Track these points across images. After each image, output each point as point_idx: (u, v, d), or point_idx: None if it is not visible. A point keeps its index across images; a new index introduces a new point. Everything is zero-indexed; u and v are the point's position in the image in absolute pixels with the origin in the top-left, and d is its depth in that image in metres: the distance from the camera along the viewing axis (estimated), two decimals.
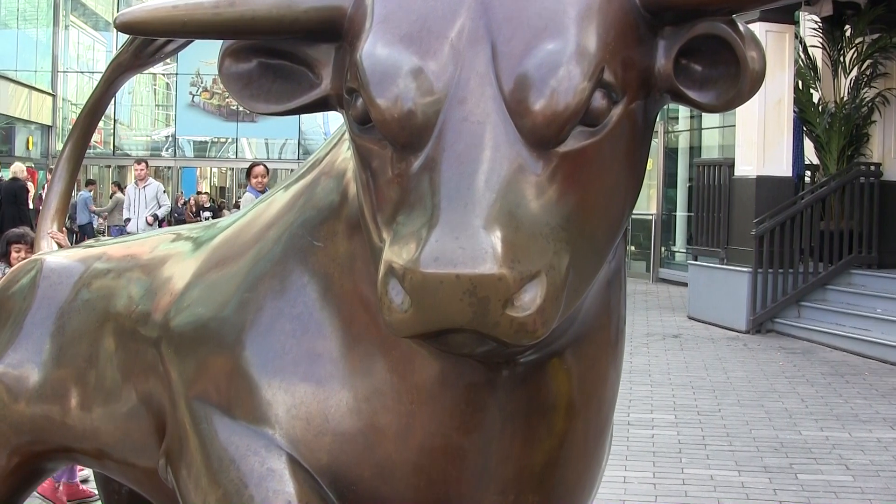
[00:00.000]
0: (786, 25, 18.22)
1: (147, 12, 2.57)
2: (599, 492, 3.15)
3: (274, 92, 2.56)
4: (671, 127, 29.04)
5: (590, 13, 2.20)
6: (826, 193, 18.72)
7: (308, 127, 43.02)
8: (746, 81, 2.28)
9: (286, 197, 3.06)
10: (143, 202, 22.29)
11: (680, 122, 29.04)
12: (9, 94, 38.97)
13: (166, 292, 3.31)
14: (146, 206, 22.19)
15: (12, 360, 3.84)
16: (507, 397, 2.61)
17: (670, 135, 28.96)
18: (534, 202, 2.12)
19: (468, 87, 2.15)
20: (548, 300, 2.05)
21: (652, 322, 19.09)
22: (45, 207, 5.21)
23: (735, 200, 19.26)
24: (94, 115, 5.11)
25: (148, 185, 22.63)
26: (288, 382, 2.76)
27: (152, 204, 22.24)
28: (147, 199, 22.37)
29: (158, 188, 23.09)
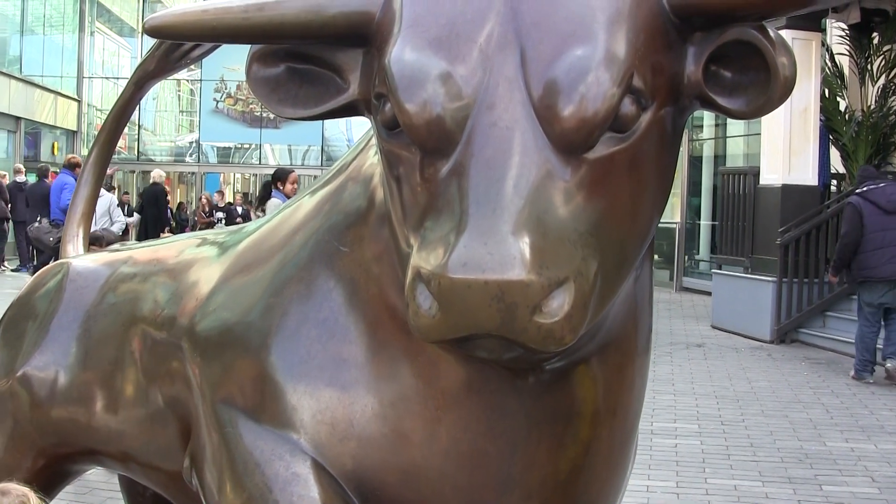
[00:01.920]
0: (812, 33, 18.13)
1: (176, 16, 2.57)
2: (622, 501, 3.13)
3: (301, 96, 2.57)
4: (696, 135, 28.92)
5: (619, 18, 2.20)
6: None
7: (331, 133, 43.03)
8: (777, 88, 2.26)
9: (313, 202, 3.05)
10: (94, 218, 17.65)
11: (704, 131, 28.93)
12: (35, 100, 39.10)
13: (192, 296, 3.31)
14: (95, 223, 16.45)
15: (38, 363, 3.85)
16: (532, 404, 2.61)
17: (695, 143, 28.85)
18: (562, 208, 2.11)
19: (497, 93, 2.14)
20: (575, 307, 2.05)
21: (675, 331, 19.02)
22: (72, 212, 5.22)
23: (760, 209, 19.17)
24: (121, 120, 5.12)
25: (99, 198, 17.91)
26: (313, 387, 2.76)
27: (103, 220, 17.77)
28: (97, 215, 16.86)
29: (111, 201, 19.56)
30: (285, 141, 44.04)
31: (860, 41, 19.68)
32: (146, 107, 43.12)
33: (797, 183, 18.35)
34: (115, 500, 7.26)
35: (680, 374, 14.61)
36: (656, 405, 11.95)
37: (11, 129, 37.08)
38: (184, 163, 45.15)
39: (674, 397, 12.76)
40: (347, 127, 40.86)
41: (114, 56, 48.19)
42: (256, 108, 42.00)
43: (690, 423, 11.41)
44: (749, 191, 19.78)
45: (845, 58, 20.15)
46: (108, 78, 46.38)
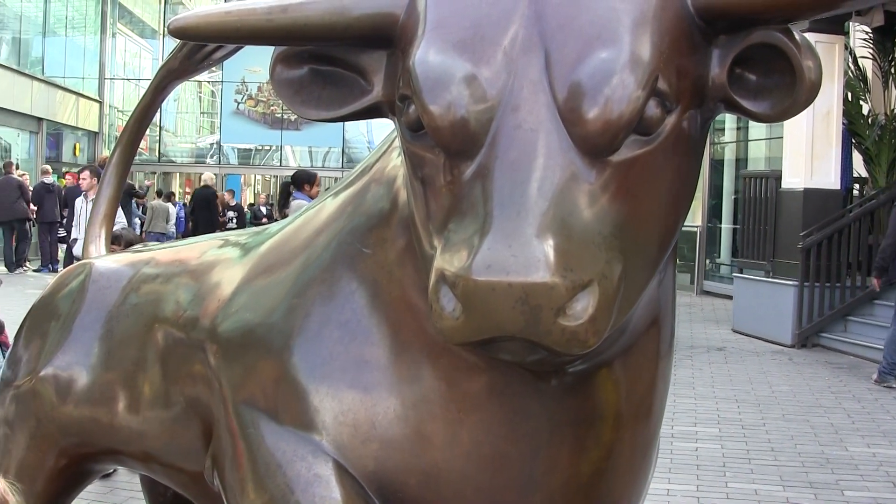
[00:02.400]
0: (835, 36, 18.06)
1: (200, 18, 2.58)
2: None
3: (325, 98, 2.57)
4: (717, 138, 28.86)
5: (644, 21, 2.19)
6: (875, 206, 18.49)
7: (352, 135, 43.10)
8: (802, 91, 2.25)
9: (335, 204, 3.06)
10: None
11: (726, 134, 28.87)
12: (56, 101, 39.26)
13: (214, 298, 3.32)
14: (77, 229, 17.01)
15: (61, 363, 3.86)
16: (555, 406, 2.60)
17: (716, 146, 28.78)
18: (586, 211, 2.11)
19: (521, 95, 2.14)
20: (600, 309, 2.04)
21: (696, 334, 18.99)
22: (94, 213, 5.23)
23: (782, 213, 19.12)
24: (143, 121, 5.14)
25: None
26: (335, 389, 2.76)
27: None
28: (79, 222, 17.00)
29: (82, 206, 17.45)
30: (306, 143, 44.10)
31: (883, 44, 19.65)
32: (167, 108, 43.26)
33: (819, 187, 18.29)
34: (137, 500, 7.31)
35: (700, 377, 14.58)
36: (677, 409, 11.93)
37: (34, 130, 37.25)
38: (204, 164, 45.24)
39: (694, 401, 12.73)
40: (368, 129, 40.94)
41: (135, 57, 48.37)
42: (277, 109, 42.09)
43: (711, 427, 11.38)
44: (771, 194, 19.73)
45: (868, 61, 20.11)
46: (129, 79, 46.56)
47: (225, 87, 44.17)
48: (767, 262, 19.46)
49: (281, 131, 43.26)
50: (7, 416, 4.08)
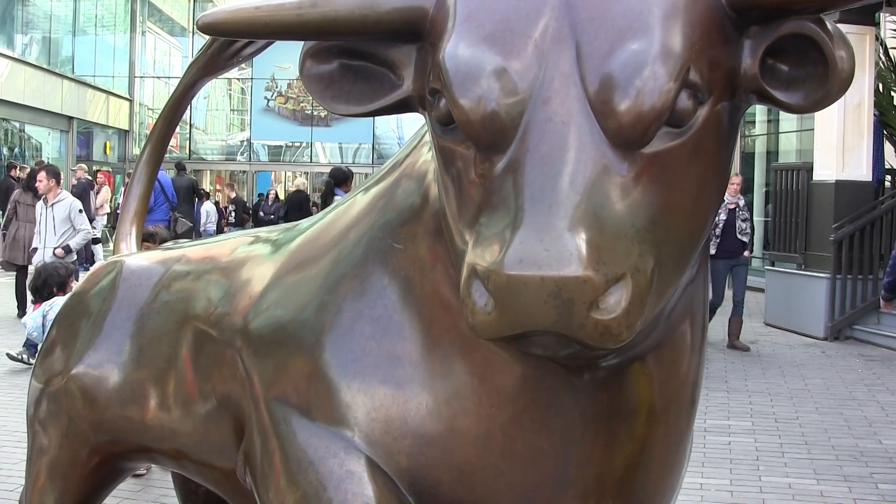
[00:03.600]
0: (866, 27, 17.96)
1: (229, 13, 2.57)
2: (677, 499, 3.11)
3: (355, 93, 2.56)
4: (748, 131, 28.75)
5: (675, 12, 2.17)
6: None
7: (382, 131, 43.18)
8: (835, 82, 2.23)
9: (366, 199, 3.05)
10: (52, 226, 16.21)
11: (757, 126, 28.76)
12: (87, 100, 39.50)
13: (245, 294, 3.32)
14: (55, 233, 16.07)
15: (92, 361, 3.88)
16: (587, 401, 2.59)
17: (747, 139, 28.67)
18: (619, 204, 2.09)
19: (552, 88, 2.12)
20: (633, 303, 2.02)
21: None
22: (125, 210, 5.25)
23: (813, 205, 19.03)
24: (173, 119, 5.15)
25: (57, 202, 16.23)
26: (367, 385, 2.75)
27: (63, 228, 16.13)
28: (56, 222, 16.18)
29: (72, 206, 16.49)
30: (336, 139, 44.23)
31: None
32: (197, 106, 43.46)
33: (851, 178, 18.19)
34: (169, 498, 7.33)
35: (733, 371, 14.53)
36: (709, 402, 11.89)
37: (64, 129, 37.51)
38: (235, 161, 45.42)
39: (727, 395, 12.69)
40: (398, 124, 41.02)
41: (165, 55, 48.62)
42: (307, 106, 42.22)
43: (744, 421, 11.34)
44: (802, 187, 19.64)
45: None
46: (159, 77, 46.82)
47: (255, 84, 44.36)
48: (799, 254, 19.37)
49: (311, 128, 43.39)
50: (39, 414, 4.10)
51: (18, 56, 34.79)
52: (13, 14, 37.61)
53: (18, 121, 34.50)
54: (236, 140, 47.62)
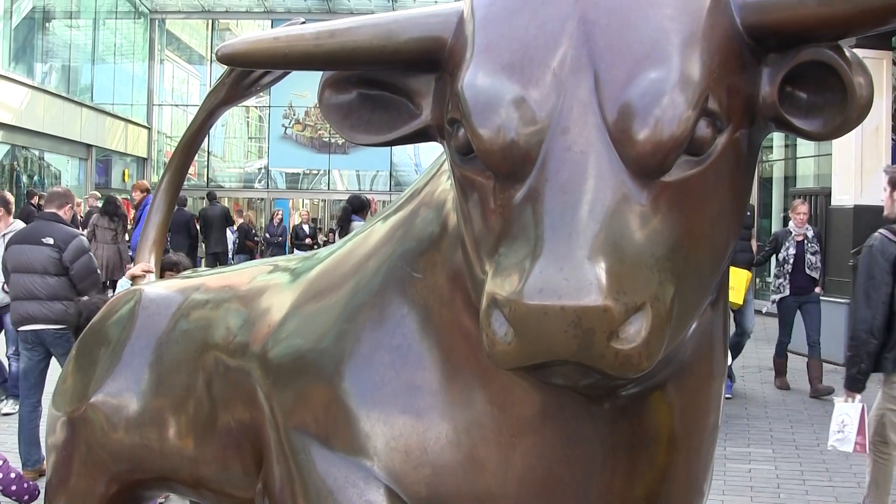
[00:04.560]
0: (882, 52, 17.92)
1: (249, 44, 2.59)
2: None
3: (374, 122, 2.57)
4: (766, 156, 28.65)
5: (693, 40, 2.17)
6: None
7: (399, 159, 43.25)
8: (854, 108, 2.23)
9: (385, 228, 3.05)
10: None
11: (774, 152, 28.67)
12: (106, 127, 39.65)
13: (264, 323, 3.32)
14: None
15: (111, 389, 3.88)
16: (608, 430, 2.58)
17: (765, 164, 28.58)
18: (638, 232, 2.09)
19: (571, 117, 2.12)
20: (653, 332, 2.02)
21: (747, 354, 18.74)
22: (143, 239, 5.26)
23: (832, 230, 18.94)
24: (191, 147, 5.18)
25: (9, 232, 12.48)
26: (387, 414, 2.75)
27: None
28: None
29: None
30: (353, 166, 44.28)
31: None
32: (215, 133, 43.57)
33: (870, 203, 18.07)
34: None
35: (753, 397, 14.46)
36: (729, 429, 11.83)
37: (83, 157, 37.65)
38: (253, 189, 45.50)
39: (747, 421, 12.64)
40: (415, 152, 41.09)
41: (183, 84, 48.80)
42: (325, 133, 42.30)
43: (764, 448, 11.28)
44: (821, 212, 19.57)
45: None
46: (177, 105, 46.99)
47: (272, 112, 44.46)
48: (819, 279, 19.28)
49: (328, 155, 43.46)
50: (58, 442, 4.10)
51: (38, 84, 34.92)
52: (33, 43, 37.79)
53: (38, 149, 34.63)
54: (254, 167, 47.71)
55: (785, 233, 15.71)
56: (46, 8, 38.98)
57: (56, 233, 10.27)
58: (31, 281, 9.96)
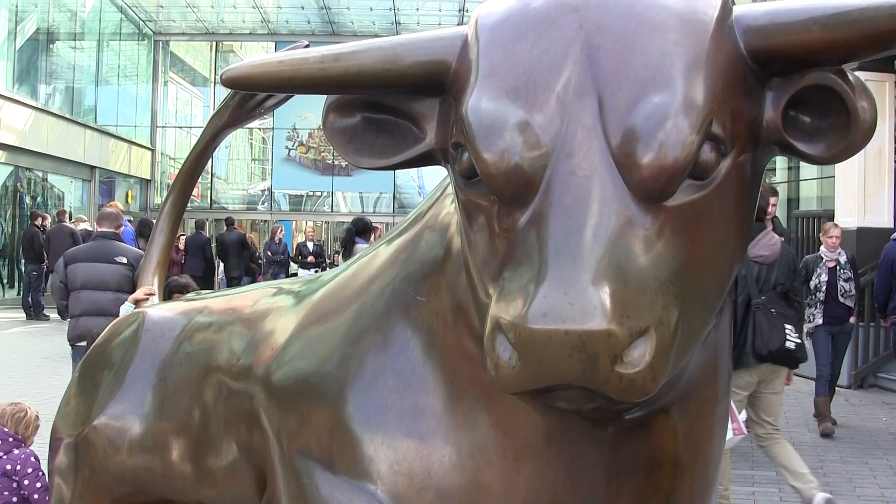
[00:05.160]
0: (885, 74, 17.95)
1: (253, 68, 2.59)
2: None
3: (378, 146, 2.57)
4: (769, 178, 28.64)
5: (697, 65, 2.17)
6: None
7: (403, 181, 43.32)
8: (858, 132, 2.23)
9: (389, 251, 3.05)
10: None
11: (777, 174, 28.69)
12: (109, 149, 39.71)
13: (268, 346, 3.32)
14: None
15: (114, 412, 3.88)
16: (612, 454, 2.57)
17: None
18: (642, 256, 2.09)
19: (575, 141, 2.12)
20: (657, 356, 2.02)
21: None
22: (147, 260, 5.27)
23: None
24: (195, 169, 5.19)
25: None
26: (390, 437, 2.74)
27: None
28: None
29: None
30: (357, 188, 44.36)
31: None
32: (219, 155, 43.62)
33: (872, 226, 18.13)
34: None
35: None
36: (732, 452, 11.79)
37: (86, 178, 37.70)
38: (256, 211, 45.56)
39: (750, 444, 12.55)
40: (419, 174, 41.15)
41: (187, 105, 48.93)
42: (328, 155, 42.36)
43: (768, 471, 11.23)
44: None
45: None
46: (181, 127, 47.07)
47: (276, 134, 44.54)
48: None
49: (332, 177, 43.52)
50: (60, 465, 4.10)
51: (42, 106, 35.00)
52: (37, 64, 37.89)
53: (41, 170, 34.68)
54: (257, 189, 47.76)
55: (815, 258, 14.50)
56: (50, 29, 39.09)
57: (128, 252, 10.91)
58: (103, 298, 10.20)
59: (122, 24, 43.47)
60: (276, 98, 4.57)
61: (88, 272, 10.63)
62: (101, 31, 42.54)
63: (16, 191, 33.25)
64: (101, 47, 43.03)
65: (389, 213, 42.53)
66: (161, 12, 43.74)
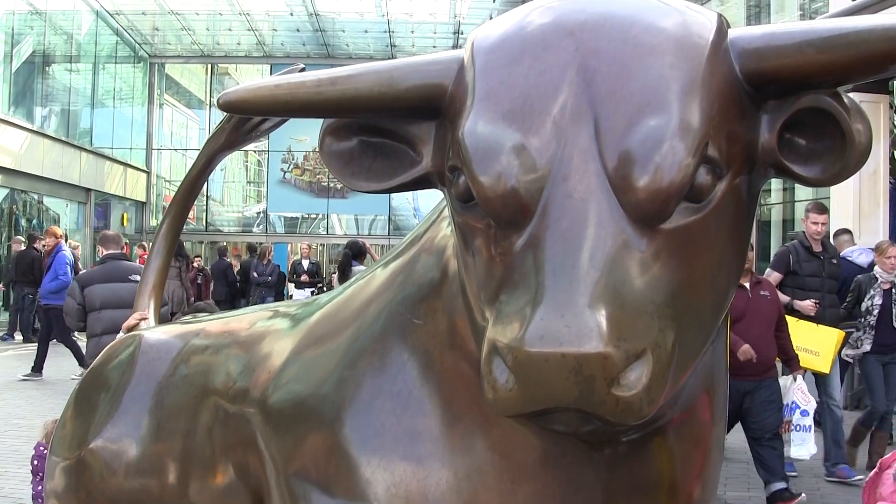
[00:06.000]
0: (880, 95, 18.00)
1: (249, 92, 2.60)
2: None
3: (374, 170, 2.57)
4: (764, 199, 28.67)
5: (693, 88, 2.18)
6: None
7: (398, 203, 43.41)
8: (853, 154, 2.23)
9: (385, 274, 3.06)
10: None
11: (773, 195, 28.73)
12: (105, 171, 39.75)
13: (264, 369, 3.32)
14: None
15: (111, 435, 3.87)
16: (609, 476, 2.57)
17: (763, 207, 28.62)
18: (639, 279, 2.09)
19: (571, 164, 2.13)
20: (654, 379, 2.02)
21: None
22: (143, 283, 5.27)
23: None
24: (191, 192, 5.19)
25: None
26: (388, 460, 2.74)
27: None
28: None
29: None
30: (352, 211, 44.45)
31: None
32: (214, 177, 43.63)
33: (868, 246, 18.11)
34: None
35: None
36: (729, 474, 11.79)
37: (82, 201, 37.72)
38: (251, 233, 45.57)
39: (747, 466, 12.55)
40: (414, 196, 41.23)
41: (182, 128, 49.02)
42: (323, 178, 42.45)
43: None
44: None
45: None
46: (176, 150, 47.15)
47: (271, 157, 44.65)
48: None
49: (327, 199, 43.61)
50: (56, 488, 4.09)
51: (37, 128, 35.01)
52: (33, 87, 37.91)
53: (37, 192, 34.69)
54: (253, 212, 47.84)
55: (869, 278, 12.90)
56: (46, 52, 39.14)
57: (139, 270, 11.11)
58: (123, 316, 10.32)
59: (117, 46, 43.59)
60: (272, 121, 4.58)
61: (106, 293, 10.95)
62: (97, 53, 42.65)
63: (11, 213, 33.23)
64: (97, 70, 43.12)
65: (385, 235, 42.61)
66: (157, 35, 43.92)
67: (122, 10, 40.86)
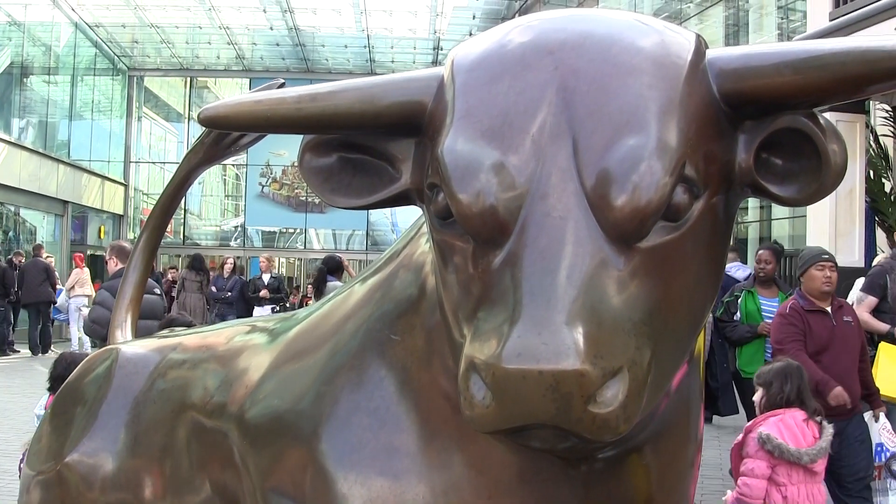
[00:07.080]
0: (856, 115, 18.05)
1: (230, 107, 2.60)
2: None
3: (354, 186, 2.58)
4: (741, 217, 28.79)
5: (671, 108, 2.20)
6: None
7: (376, 218, 43.38)
8: (829, 175, 2.25)
9: (363, 290, 3.06)
10: None
11: (749, 213, 28.85)
12: (82, 184, 39.59)
13: (242, 384, 3.31)
14: None
15: (87, 449, 3.86)
16: (585, 493, 2.58)
17: (740, 225, 28.72)
18: (616, 297, 2.10)
19: (550, 183, 2.14)
20: (630, 396, 2.03)
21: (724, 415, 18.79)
22: (120, 298, 5.25)
23: None
24: (170, 206, 5.18)
25: None
26: (364, 476, 2.74)
27: None
28: None
29: None
30: (330, 225, 44.40)
31: None
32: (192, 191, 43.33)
33: (843, 265, 18.10)
34: None
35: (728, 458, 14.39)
36: (704, 490, 11.79)
37: (59, 213, 37.53)
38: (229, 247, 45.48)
39: (722, 482, 12.57)
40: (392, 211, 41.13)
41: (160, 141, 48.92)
42: (302, 192, 42.41)
43: None
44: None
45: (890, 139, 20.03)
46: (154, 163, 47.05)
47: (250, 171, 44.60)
48: None
49: (305, 214, 43.56)
50: (31, 502, 4.07)
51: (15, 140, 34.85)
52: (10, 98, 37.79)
53: (14, 204, 34.53)
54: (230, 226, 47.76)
55: None
56: (24, 64, 39.03)
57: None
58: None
59: (96, 59, 43.48)
60: (251, 136, 4.58)
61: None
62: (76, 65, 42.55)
63: None
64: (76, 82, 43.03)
65: (363, 250, 42.59)
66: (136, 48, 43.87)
67: (101, 23, 40.79)
